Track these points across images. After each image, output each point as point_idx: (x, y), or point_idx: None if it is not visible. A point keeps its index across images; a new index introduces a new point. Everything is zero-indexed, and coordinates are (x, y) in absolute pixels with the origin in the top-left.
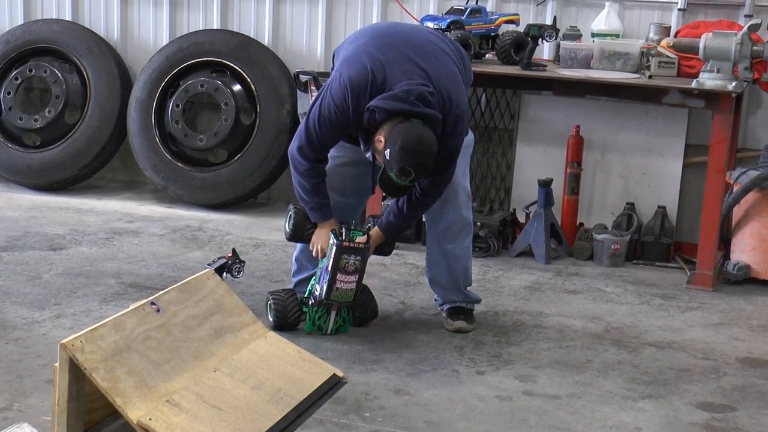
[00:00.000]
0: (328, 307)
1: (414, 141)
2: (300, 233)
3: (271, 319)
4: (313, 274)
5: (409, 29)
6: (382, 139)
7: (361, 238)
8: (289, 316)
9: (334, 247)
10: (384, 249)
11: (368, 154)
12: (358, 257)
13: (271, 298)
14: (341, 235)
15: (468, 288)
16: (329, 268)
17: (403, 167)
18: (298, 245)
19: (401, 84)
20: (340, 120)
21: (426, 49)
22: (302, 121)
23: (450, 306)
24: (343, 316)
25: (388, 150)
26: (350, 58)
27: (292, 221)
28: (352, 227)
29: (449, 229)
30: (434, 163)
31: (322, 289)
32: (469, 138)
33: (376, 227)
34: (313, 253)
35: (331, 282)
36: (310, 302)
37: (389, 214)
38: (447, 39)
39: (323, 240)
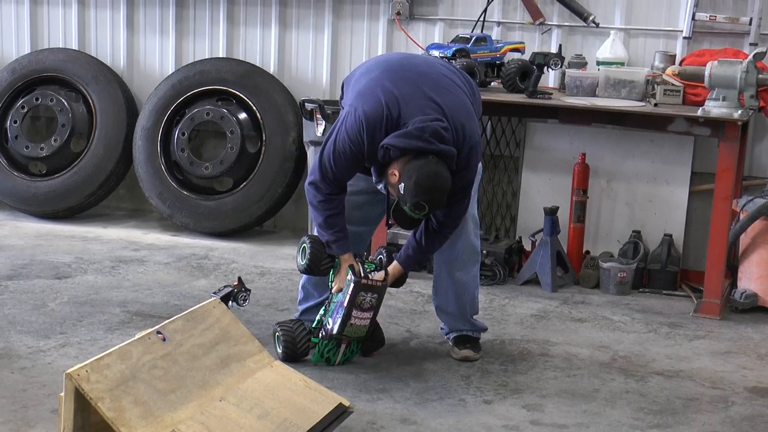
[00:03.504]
0: (338, 341)
1: (429, 177)
2: (316, 267)
3: (280, 350)
4: (320, 303)
5: (422, 61)
6: (397, 174)
7: (379, 275)
8: (299, 347)
9: (352, 284)
10: (397, 282)
11: (380, 186)
12: (375, 295)
13: (279, 329)
14: (358, 271)
15: (474, 316)
16: (345, 304)
17: (417, 202)
18: None
19: (416, 120)
20: (355, 154)
21: (439, 82)
22: (315, 157)
23: (456, 334)
24: (352, 348)
25: (403, 185)
26: (364, 91)
27: (308, 255)
28: (365, 260)
29: (458, 256)
30: (449, 195)
31: (335, 323)
32: (478, 166)
33: (395, 262)
34: (334, 291)
35: (346, 318)
36: (320, 335)
37: (408, 248)
38: (457, 70)
39: (344, 279)
